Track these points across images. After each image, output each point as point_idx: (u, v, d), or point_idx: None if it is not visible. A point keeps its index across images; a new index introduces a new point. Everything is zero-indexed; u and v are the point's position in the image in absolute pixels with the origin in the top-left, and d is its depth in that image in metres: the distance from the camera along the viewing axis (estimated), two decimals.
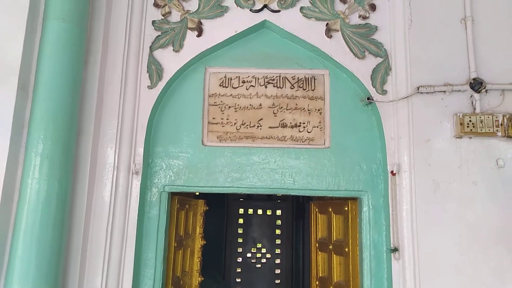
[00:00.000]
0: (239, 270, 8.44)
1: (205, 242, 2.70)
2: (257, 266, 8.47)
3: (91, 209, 1.83)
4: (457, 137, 1.86)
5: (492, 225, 1.81)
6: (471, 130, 1.82)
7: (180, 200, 2.28)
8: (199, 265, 2.60)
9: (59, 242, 1.60)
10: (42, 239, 1.54)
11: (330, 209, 2.36)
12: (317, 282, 2.47)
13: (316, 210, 2.55)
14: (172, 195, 2.14)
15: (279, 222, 8.63)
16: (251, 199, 8.64)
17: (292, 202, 8.42)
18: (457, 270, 1.77)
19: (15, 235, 1.53)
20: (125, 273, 1.83)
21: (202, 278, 2.61)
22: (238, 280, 8.39)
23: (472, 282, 1.76)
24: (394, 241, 1.84)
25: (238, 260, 8.50)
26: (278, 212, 8.66)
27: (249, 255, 8.53)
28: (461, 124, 1.83)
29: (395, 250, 1.81)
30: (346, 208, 2.17)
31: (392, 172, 1.89)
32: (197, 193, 2.66)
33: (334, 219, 2.33)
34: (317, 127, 2.10)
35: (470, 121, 1.82)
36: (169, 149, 2.06)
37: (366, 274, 1.93)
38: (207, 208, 2.72)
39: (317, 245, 2.52)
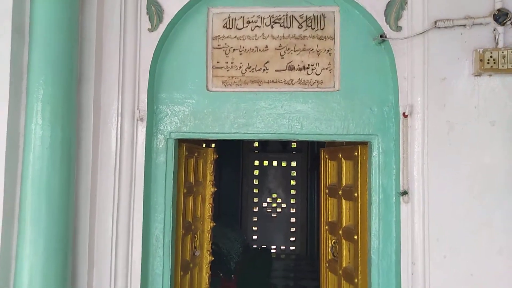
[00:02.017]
0: (255, 219, 8.73)
1: (216, 189, 2.73)
2: (272, 215, 8.73)
3: (97, 156, 1.84)
4: (476, 75, 1.74)
5: (509, 169, 1.73)
6: (491, 66, 1.69)
7: (188, 147, 2.27)
8: (210, 211, 2.65)
9: (67, 187, 1.63)
10: (50, 184, 1.56)
11: (340, 155, 2.31)
12: (326, 227, 2.50)
13: (326, 156, 2.51)
14: (180, 142, 2.13)
15: (294, 173, 8.74)
16: (266, 151, 8.71)
17: (307, 153, 8.45)
18: (468, 214, 1.73)
19: (24, 182, 1.55)
20: (135, 217, 1.88)
21: (214, 224, 2.67)
22: (255, 228, 8.70)
23: (483, 227, 1.72)
24: (403, 184, 1.80)
25: (254, 210, 8.77)
26: (293, 164, 8.74)
27: (265, 205, 8.77)
28: (480, 60, 1.69)
29: (405, 193, 1.77)
30: (356, 153, 2.12)
31: (404, 114, 1.81)
32: (204, 145, 2.65)
33: (344, 164, 2.29)
34: (327, 69, 2.00)
35: (491, 57, 1.69)
36: (173, 95, 2.02)
37: (374, 217, 1.92)
38: (217, 156, 2.72)
39: (327, 191, 2.51)
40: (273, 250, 8.39)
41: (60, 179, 1.59)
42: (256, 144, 8.84)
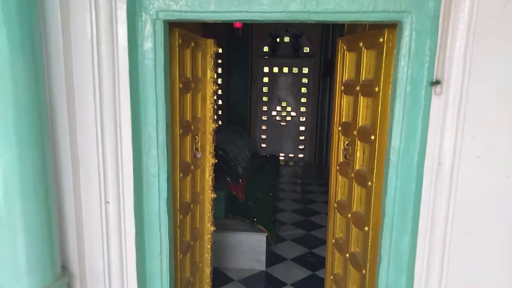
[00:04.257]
0: (264, 127, 8.62)
1: (217, 88, 2.46)
2: (282, 124, 8.58)
3: (69, 41, 1.53)
4: None
5: None
6: None
7: (182, 34, 1.94)
8: (212, 112, 2.42)
9: (36, 77, 1.36)
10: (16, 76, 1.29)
11: (361, 44, 1.96)
12: (339, 128, 2.26)
13: (344, 47, 2.16)
14: (171, 26, 1.79)
15: (305, 80, 8.34)
16: (276, 56, 8.20)
17: (319, 58, 7.93)
18: None
19: None
20: (122, 112, 1.64)
21: (216, 125, 2.46)
22: (263, 137, 8.64)
23: None
24: (437, 72, 1.49)
25: (263, 119, 8.61)
26: (305, 70, 8.29)
27: (274, 113, 8.58)
28: None
29: (437, 82, 1.47)
30: (381, 40, 1.77)
31: None
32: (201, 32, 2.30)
33: (364, 55, 1.95)
34: None
35: None
36: None
37: (397, 114, 1.65)
38: (218, 49, 2.38)
39: (342, 88, 2.21)
40: (281, 158, 8.43)
41: (27, 68, 1.31)
42: (265, 49, 8.30)
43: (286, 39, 8.09)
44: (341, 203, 2.26)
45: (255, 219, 3.78)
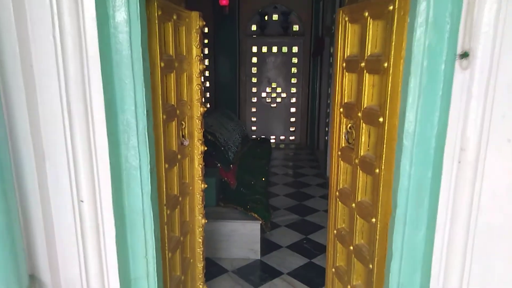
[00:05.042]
0: (254, 110, 8.37)
1: (204, 67, 2.21)
2: (272, 105, 8.34)
3: (23, 11, 1.27)
4: None
5: None
6: None
7: (162, 5, 1.68)
8: (199, 94, 2.18)
9: None
10: None
11: (366, 14, 1.73)
12: (340, 110, 2.05)
13: (346, 18, 1.93)
14: None
15: (295, 60, 8.07)
16: (265, 35, 7.89)
17: (310, 37, 7.66)
18: None
19: None
20: (93, 98, 1.39)
21: (205, 109, 2.23)
22: (254, 119, 8.41)
23: None
24: (464, 43, 1.27)
25: (253, 100, 8.36)
26: (295, 49, 8.01)
27: (264, 95, 8.32)
28: None
29: (465, 55, 1.26)
30: (391, 7, 1.54)
31: None
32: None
33: (370, 27, 1.73)
34: None
35: None
36: None
37: (412, 92, 1.44)
38: (204, 23, 2.12)
39: (344, 65, 1.99)
40: (272, 141, 8.25)
41: None
42: (253, 28, 7.99)
43: (275, 16, 7.77)
44: (344, 192, 2.07)
45: (248, 206, 3.60)
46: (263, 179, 4.64)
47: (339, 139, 2.08)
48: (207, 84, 7.91)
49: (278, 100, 8.27)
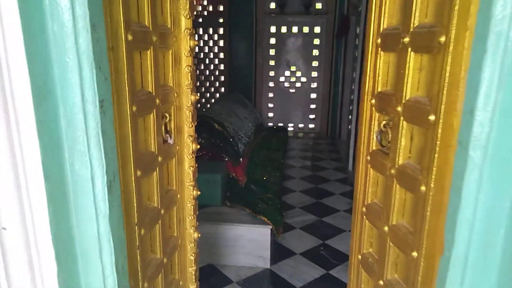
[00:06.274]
0: (271, 95, 7.85)
1: (196, 43, 1.76)
2: (290, 91, 7.80)
3: None
4: None
5: None
6: None
7: None
8: (190, 78, 1.73)
9: None
10: None
11: None
12: (372, 101, 1.56)
13: None
14: None
15: (317, 41, 7.45)
16: (284, 13, 7.30)
17: (334, 15, 7.03)
18: None
19: None
20: (14, 83, 0.96)
21: (197, 97, 1.78)
22: (270, 105, 7.89)
23: None
24: None
25: (270, 85, 7.82)
26: (317, 30, 7.38)
27: (282, 79, 7.78)
28: None
29: None
30: None
31: None
32: None
33: None
34: None
35: None
36: None
37: (487, 79, 0.94)
38: None
39: (378, 41, 1.48)
40: (290, 129, 7.76)
41: None
42: (272, 5, 7.40)
43: None
44: (373, 209, 1.60)
45: (257, 208, 3.16)
46: (277, 174, 4.18)
47: (369, 139, 1.59)
48: (221, 67, 7.43)
49: (298, 85, 7.72)
